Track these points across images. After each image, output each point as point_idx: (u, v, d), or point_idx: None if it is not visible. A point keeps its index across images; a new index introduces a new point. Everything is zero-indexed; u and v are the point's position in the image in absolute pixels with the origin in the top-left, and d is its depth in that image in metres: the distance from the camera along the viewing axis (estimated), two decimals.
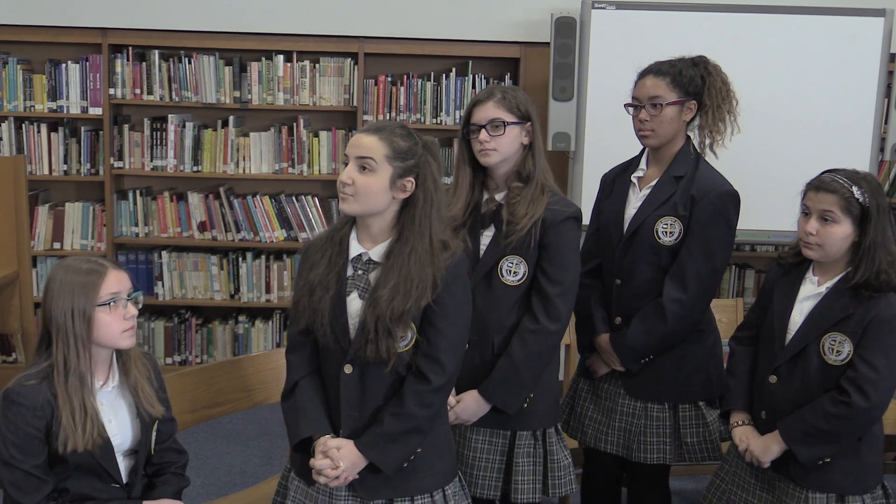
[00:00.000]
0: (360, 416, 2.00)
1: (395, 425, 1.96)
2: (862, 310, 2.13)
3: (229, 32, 4.35)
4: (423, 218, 1.98)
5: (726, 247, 2.49)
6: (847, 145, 3.95)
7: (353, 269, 2.02)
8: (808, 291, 2.24)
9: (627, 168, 2.63)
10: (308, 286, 2.01)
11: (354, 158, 1.97)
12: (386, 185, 1.96)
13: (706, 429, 2.55)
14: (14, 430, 1.94)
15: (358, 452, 1.97)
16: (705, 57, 2.53)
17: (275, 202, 4.50)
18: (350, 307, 2.00)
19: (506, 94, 2.32)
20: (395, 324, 1.93)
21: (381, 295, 1.94)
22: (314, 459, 1.98)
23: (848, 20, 3.94)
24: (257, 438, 4.04)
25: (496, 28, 4.36)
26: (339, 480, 1.97)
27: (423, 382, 1.98)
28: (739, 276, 4.58)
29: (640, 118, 2.48)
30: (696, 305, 2.49)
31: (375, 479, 2.00)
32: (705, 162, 2.53)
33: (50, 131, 4.43)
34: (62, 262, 2.03)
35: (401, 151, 1.97)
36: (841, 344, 2.15)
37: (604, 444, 2.62)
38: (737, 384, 2.36)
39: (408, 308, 1.93)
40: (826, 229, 2.15)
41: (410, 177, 1.98)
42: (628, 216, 2.54)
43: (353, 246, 2.03)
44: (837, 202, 2.13)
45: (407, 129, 2.02)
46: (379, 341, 1.93)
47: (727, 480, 2.40)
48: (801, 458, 2.16)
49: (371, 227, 2.02)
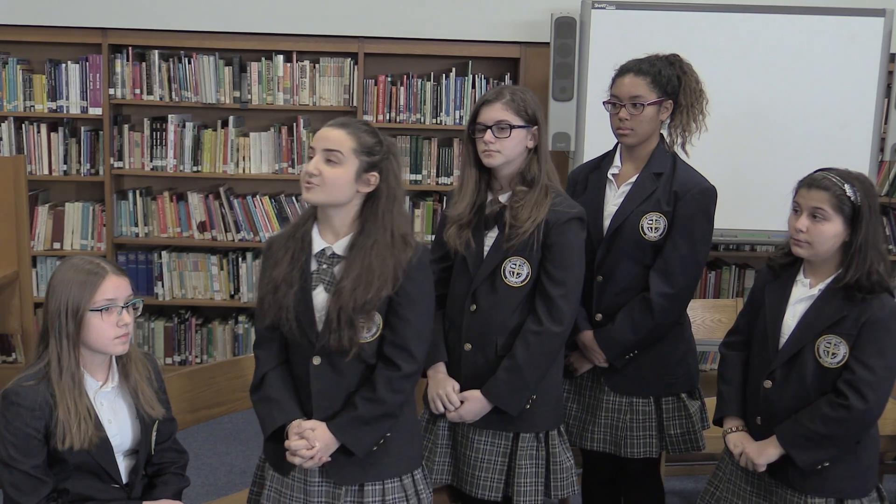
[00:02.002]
0: (330, 406, 2.06)
1: (367, 409, 2.02)
2: (856, 311, 2.11)
3: (229, 32, 4.35)
4: (386, 212, 2.05)
5: (708, 241, 2.54)
6: (847, 145, 3.95)
7: (318, 263, 2.07)
8: (800, 294, 2.22)
9: (599, 165, 2.64)
10: (272, 283, 2.06)
11: (321, 151, 2.03)
12: (351, 178, 2.02)
13: (689, 420, 2.59)
14: (13, 431, 1.94)
15: (330, 434, 2.03)
16: (679, 55, 2.55)
17: (275, 202, 4.50)
18: (316, 301, 2.05)
19: (514, 96, 2.32)
20: (358, 314, 1.99)
21: (345, 286, 1.99)
22: (289, 441, 2.03)
23: (848, 20, 3.94)
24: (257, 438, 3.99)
25: (496, 28, 4.36)
26: (313, 461, 2.02)
27: (393, 369, 2.04)
28: (739, 276, 4.58)
29: (619, 117, 2.49)
30: (682, 299, 2.53)
31: (347, 462, 2.06)
32: (681, 159, 2.56)
33: (50, 131, 4.43)
34: (67, 260, 2.04)
35: (366, 146, 2.04)
36: (836, 346, 2.13)
37: (589, 442, 2.62)
38: (729, 390, 2.33)
39: (370, 298, 1.99)
40: (816, 226, 2.13)
41: (374, 171, 2.04)
42: (608, 213, 2.55)
43: (315, 241, 2.09)
44: (829, 199, 2.11)
45: (371, 126, 2.09)
46: (341, 331, 1.99)
47: (721, 487, 2.37)
48: (800, 462, 2.14)
49: (333, 221, 2.07)
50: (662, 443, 2.59)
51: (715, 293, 4.55)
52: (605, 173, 2.59)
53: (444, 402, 2.34)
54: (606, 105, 2.54)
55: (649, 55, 2.54)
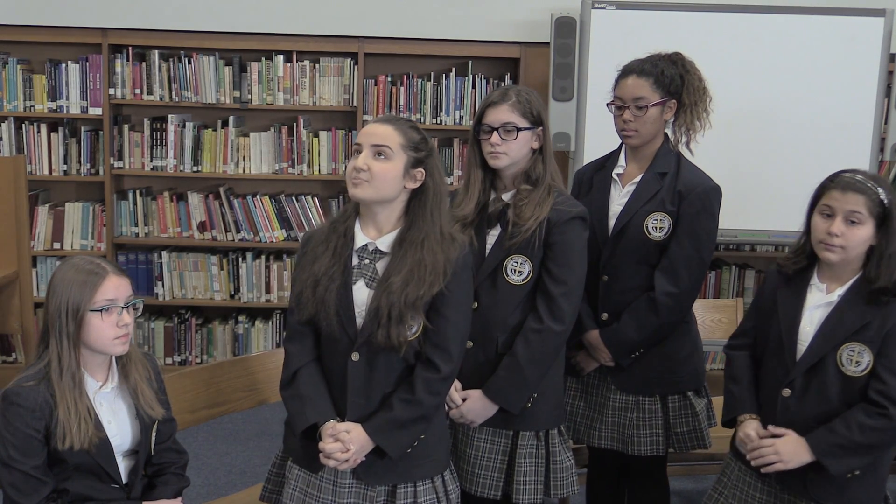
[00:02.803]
0: (365, 404, 2.03)
1: (404, 411, 2.00)
2: (879, 317, 2.06)
3: (229, 32, 4.35)
4: (434, 208, 2.04)
5: (713, 240, 2.54)
6: (847, 145, 3.94)
7: (359, 258, 2.05)
8: (816, 300, 2.16)
9: (604, 165, 2.65)
10: (312, 277, 2.03)
11: (370, 146, 2.01)
12: (400, 173, 2.01)
13: (695, 418, 2.59)
14: (13, 432, 1.94)
15: (366, 436, 2.01)
16: (681, 54, 2.55)
17: (275, 202, 4.50)
18: (356, 296, 2.03)
19: (520, 98, 2.32)
20: (408, 310, 1.97)
21: (394, 282, 1.97)
22: (323, 443, 2.00)
23: (848, 20, 3.94)
24: (257, 438, 4.04)
25: (496, 28, 4.36)
26: (348, 464, 2.00)
27: (433, 370, 2.02)
28: (739, 276, 4.58)
29: (623, 118, 2.49)
30: (687, 298, 2.53)
31: (380, 464, 2.04)
32: (685, 158, 2.56)
33: (50, 131, 4.43)
34: (68, 260, 2.04)
35: (413, 142, 2.03)
36: (860, 354, 2.07)
37: (596, 439, 2.63)
38: (741, 390, 2.27)
39: (421, 294, 1.97)
40: (852, 231, 2.06)
41: (421, 167, 2.03)
42: (613, 213, 2.55)
43: (358, 236, 2.06)
44: (866, 203, 2.05)
45: (415, 123, 2.09)
46: (391, 327, 1.96)
47: (727, 494, 2.32)
48: (833, 470, 2.07)
49: (378, 217, 2.05)
50: (669, 441, 2.60)
51: (715, 293, 4.55)
52: (609, 173, 2.60)
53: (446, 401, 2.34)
54: (610, 107, 2.54)
55: (651, 55, 2.53)
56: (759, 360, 2.29)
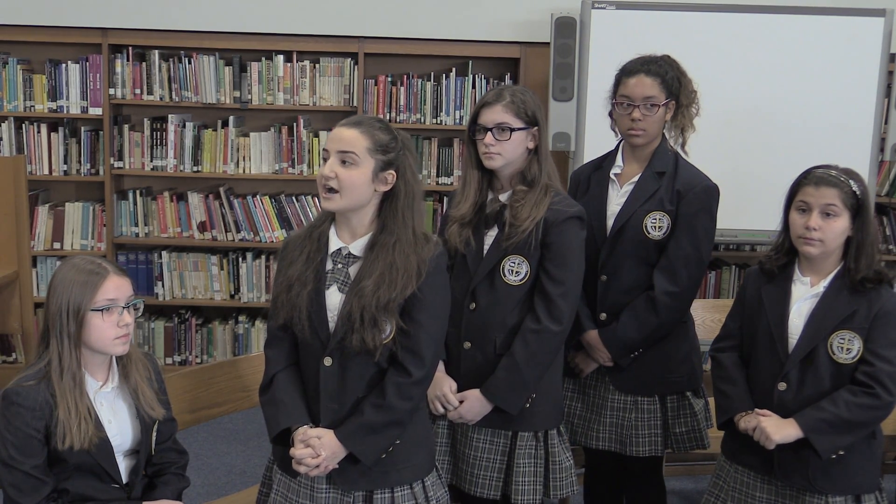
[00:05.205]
0: (339, 409, 2.03)
1: (375, 416, 1.99)
2: (865, 304, 2.13)
3: (229, 32, 4.35)
4: (406, 209, 2.02)
5: (711, 239, 2.55)
6: (847, 145, 3.94)
7: (333, 263, 2.05)
8: (802, 293, 2.21)
9: (601, 165, 2.65)
10: (286, 282, 2.04)
11: (336, 153, 1.99)
12: (368, 178, 1.99)
13: (693, 418, 2.60)
14: (13, 431, 1.94)
15: (338, 442, 1.99)
16: (671, 57, 2.57)
17: (275, 202, 4.50)
18: (329, 301, 2.02)
19: (514, 98, 2.31)
20: (381, 313, 1.95)
21: (366, 285, 1.96)
22: (294, 449, 2.00)
23: (848, 20, 3.94)
24: (257, 438, 4.04)
25: (496, 28, 4.36)
26: (318, 469, 1.99)
27: (404, 375, 2.00)
28: (739, 277, 4.57)
29: (632, 117, 2.49)
30: (686, 297, 2.54)
31: (355, 470, 2.03)
32: (682, 157, 2.57)
33: (50, 131, 4.43)
34: (68, 260, 2.04)
35: (381, 144, 2.00)
36: (850, 341, 2.13)
37: (595, 441, 2.63)
38: (737, 390, 2.28)
39: (393, 297, 1.95)
40: (829, 224, 2.13)
41: (391, 170, 2.00)
42: (611, 213, 2.56)
43: (332, 241, 2.06)
44: (839, 196, 2.12)
45: (385, 122, 2.05)
46: (364, 331, 1.95)
47: (723, 497, 2.33)
48: (819, 447, 2.10)
49: (351, 222, 2.04)
50: (667, 441, 2.60)
51: (715, 293, 4.55)
52: (607, 173, 2.60)
53: (443, 403, 2.34)
54: (617, 106, 2.53)
55: (642, 55, 2.54)
56: (747, 360, 2.32)
